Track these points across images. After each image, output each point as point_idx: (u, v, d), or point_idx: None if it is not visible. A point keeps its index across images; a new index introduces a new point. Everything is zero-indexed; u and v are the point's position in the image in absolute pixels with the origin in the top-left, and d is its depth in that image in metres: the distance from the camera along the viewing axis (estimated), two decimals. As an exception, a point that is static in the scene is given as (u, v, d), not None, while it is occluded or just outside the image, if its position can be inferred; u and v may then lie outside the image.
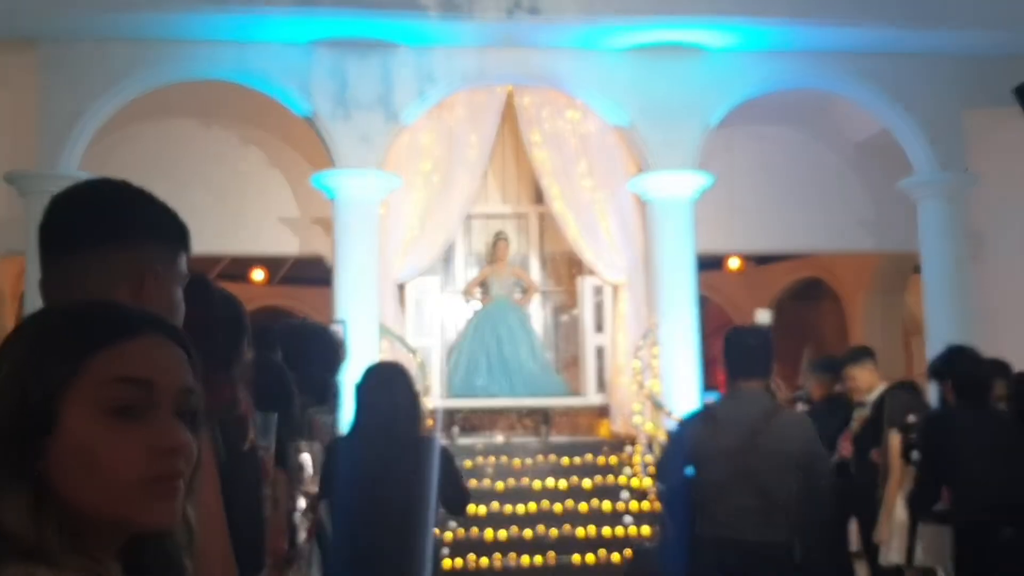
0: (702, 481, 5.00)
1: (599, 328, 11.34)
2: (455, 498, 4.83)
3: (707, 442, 4.91)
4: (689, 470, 5.20)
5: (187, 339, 1.24)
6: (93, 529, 1.14)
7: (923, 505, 6.15)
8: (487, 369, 11.16)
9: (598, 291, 11.42)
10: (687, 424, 5.31)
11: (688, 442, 5.05)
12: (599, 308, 11.38)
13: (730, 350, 5.11)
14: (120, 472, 1.13)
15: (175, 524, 1.18)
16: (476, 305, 11.78)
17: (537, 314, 12.09)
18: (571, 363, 11.94)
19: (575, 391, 11.48)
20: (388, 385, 4.70)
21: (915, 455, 6.48)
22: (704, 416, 5.11)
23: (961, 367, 6.07)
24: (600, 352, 11.31)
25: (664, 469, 5.32)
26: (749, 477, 4.80)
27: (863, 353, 8.03)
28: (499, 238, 11.65)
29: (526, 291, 11.82)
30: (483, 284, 11.71)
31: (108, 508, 1.13)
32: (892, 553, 6.97)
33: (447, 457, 4.83)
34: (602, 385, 11.24)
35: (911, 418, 6.85)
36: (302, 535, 3.96)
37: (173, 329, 1.23)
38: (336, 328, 7.21)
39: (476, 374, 11.18)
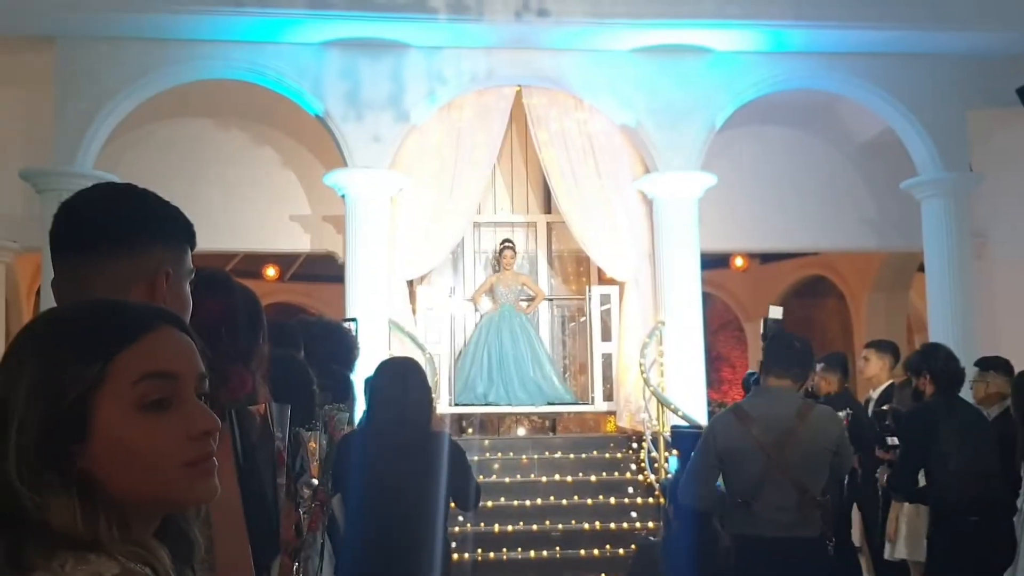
0: (736, 478, 5.03)
1: (606, 337, 11.45)
2: (466, 493, 4.83)
3: (741, 438, 4.94)
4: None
5: (191, 329, 1.30)
6: (136, 514, 1.20)
7: (901, 487, 6.41)
8: (493, 377, 11.26)
9: (605, 299, 11.54)
10: (717, 422, 5.32)
11: (719, 439, 5.06)
12: (606, 316, 11.50)
13: (773, 348, 5.23)
14: (163, 460, 1.19)
15: (216, 498, 1.24)
16: (484, 312, 11.89)
17: (545, 320, 12.20)
18: (579, 370, 12.09)
19: (582, 397, 11.62)
20: (401, 380, 4.70)
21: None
22: (735, 413, 5.12)
23: (938, 362, 6.41)
24: (607, 360, 11.43)
25: (694, 473, 5.16)
26: (785, 473, 4.85)
27: (887, 345, 8.20)
28: (505, 246, 11.76)
29: (533, 299, 11.92)
30: (490, 291, 11.82)
31: (155, 494, 1.20)
32: (899, 548, 7.09)
33: (458, 452, 4.85)
34: (609, 393, 11.36)
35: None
36: (306, 525, 4.01)
37: (179, 320, 1.29)
38: (349, 325, 7.32)
39: (482, 382, 11.28)
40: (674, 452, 9.39)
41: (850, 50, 10.81)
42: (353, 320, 8.25)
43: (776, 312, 8.91)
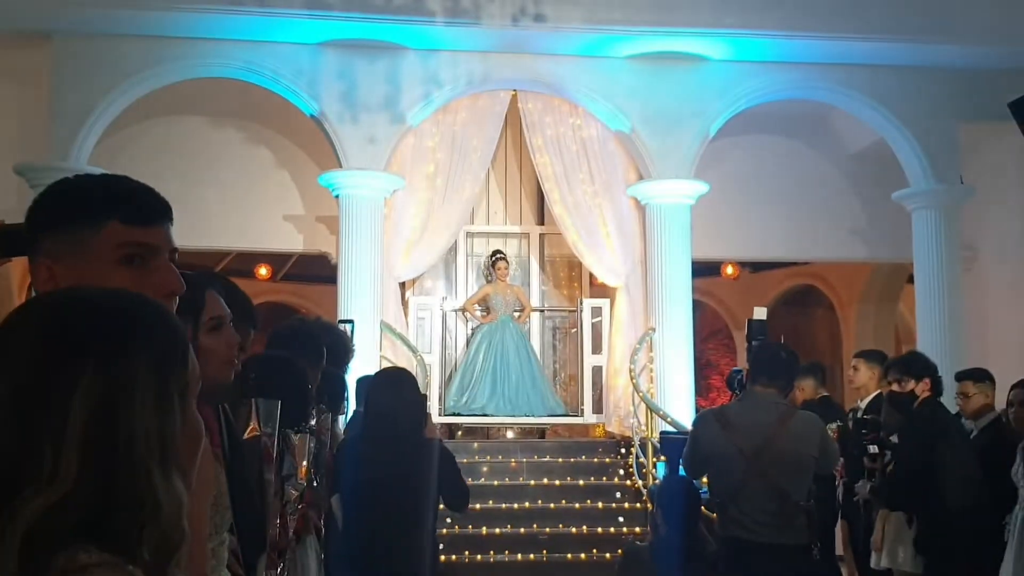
0: (718, 482, 5.16)
1: (597, 349, 11.51)
2: (456, 496, 5.06)
3: (722, 444, 5.04)
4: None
5: None
6: None
7: (902, 493, 6.45)
8: (496, 389, 11.28)
9: (597, 312, 11.60)
10: (699, 425, 5.45)
11: (703, 444, 5.18)
12: (597, 328, 11.55)
13: (760, 356, 5.32)
14: None
15: None
16: (475, 323, 11.90)
17: (536, 331, 12.23)
18: (569, 380, 12.14)
19: (573, 408, 11.67)
20: (396, 388, 4.92)
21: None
22: (719, 419, 5.21)
23: (934, 369, 6.50)
24: (597, 372, 11.49)
25: (688, 463, 5.45)
26: (765, 480, 4.94)
27: (877, 355, 8.24)
28: (498, 257, 11.80)
29: (523, 310, 11.95)
30: (482, 302, 11.85)
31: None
32: (885, 557, 7.14)
33: (448, 456, 5.07)
34: (598, 405, 11.42)
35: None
36: (292, 527, 4.03)
37: None
38: (344, 327, 7.34)
39: (474, 393, 11.30)
40: (662, 458, 9.43)
41: (843, 61, 10.88)
42: (349, 322, 8.25)
43: (760, 313, 8.99)
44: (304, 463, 3.88)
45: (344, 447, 4.80)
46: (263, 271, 15.85)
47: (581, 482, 10.20)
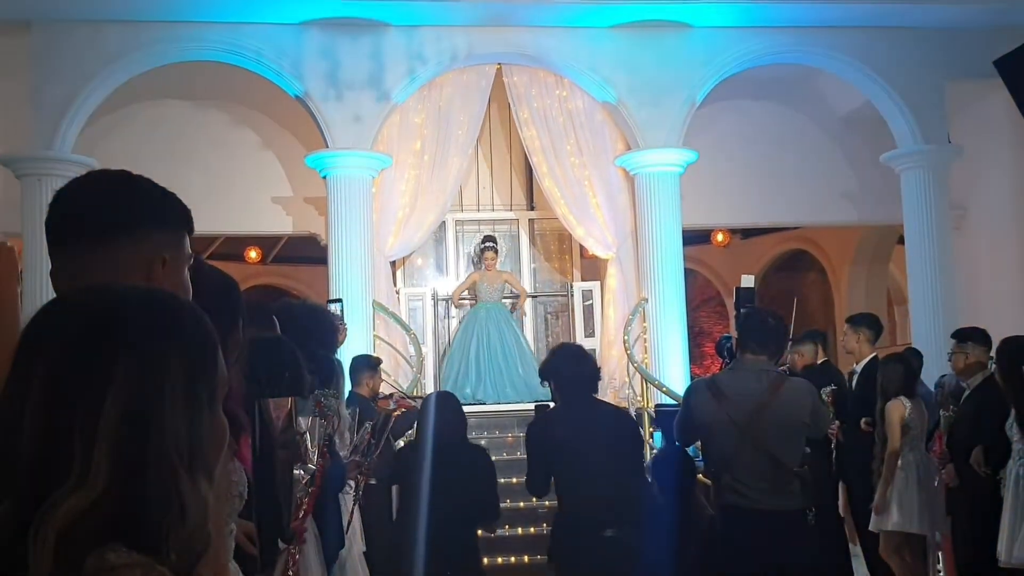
0: (712, 451, 5.20)
1: (589, 332, 11.51)
2: (489, 508, 5.86)
3: (715, 414, 5.05)
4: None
5: None
6: None
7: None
8: (481, 375, 11.24)
9: (588, 295, 11.59)
10: (691, 394, 5.45)
11: (695, 414, 5.20)
12: (588, 312, 11.53)
13: (748, 324, 5.32)
14: None
15: None
16: (466, 311, 11.87)
17: (528, 315, 12.21)
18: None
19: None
20: (441, 409, 5.88)
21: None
22: (711, 389, 5.21)
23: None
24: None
25: (680, 432, 5.54)
26: (758, 448, 4.95)
27: (864, 318, 8.27)
28: (487, 246, 11.75)
29: (517, 298, 11.90)
30: (470, 290, 11.81)
31: None
32: (885, 519, 7.16)
33: (490, 466, 5.98)
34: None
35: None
36: (303, 510, 4.03)
37: None
38: (334, 308, 7.32)
39: (470, 383, 11.24)
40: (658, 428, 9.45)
41: (829, 24, 10.83)
42: (338, 301, 8.23)
43: (748, 281, 9.01)
44: (316, 446, 3.88)
45: (408, 450, 6.06)
46: (253, 254, 15.83)
47: (578, 454, 10.19)
